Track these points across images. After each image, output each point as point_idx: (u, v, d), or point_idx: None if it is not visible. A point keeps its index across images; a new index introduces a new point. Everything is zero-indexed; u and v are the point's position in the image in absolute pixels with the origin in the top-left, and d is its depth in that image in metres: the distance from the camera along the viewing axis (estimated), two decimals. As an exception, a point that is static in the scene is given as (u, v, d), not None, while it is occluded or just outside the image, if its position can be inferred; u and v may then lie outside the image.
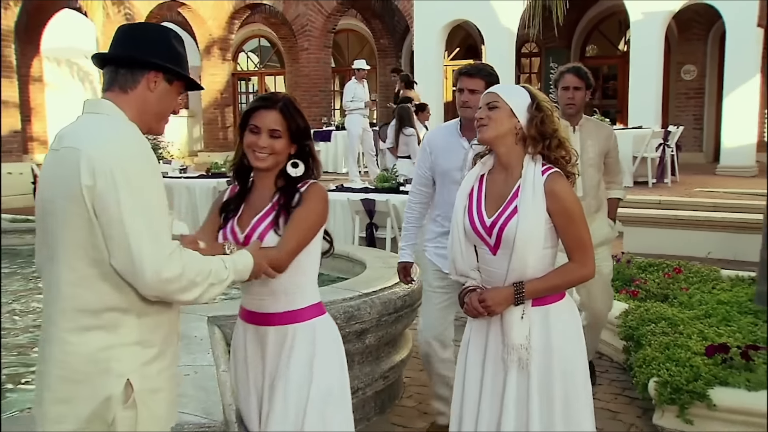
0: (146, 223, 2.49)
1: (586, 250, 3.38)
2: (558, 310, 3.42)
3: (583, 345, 3.53)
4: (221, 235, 3.26)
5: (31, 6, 20.48)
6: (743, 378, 4.84)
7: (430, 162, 4.90)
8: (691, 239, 10.31)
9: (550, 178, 3.35)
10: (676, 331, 5.64)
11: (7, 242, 8.67)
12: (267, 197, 3.26)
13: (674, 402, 4.84)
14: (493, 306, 3.36)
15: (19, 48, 19.78)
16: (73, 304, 2.53)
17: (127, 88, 2.69)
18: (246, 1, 23.17)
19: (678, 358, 5.10)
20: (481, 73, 4.71)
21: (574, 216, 3.36)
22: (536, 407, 3.35)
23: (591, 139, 5.67)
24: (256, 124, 3.20)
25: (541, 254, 3.36)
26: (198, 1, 22.93)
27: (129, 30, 2.82)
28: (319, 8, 22.39)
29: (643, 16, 17.54)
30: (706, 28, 20.54)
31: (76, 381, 2.52)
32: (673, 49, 20.73)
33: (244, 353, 3.35)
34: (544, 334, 3.38)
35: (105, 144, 2.52)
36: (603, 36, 24.25)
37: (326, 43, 23.19)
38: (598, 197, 5.74)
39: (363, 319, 5.10)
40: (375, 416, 5.17)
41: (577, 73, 5.74)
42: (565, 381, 3.36)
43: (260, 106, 3.22)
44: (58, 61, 24.62)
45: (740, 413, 4.67)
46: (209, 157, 18.98)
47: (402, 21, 23.01)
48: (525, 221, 3.30)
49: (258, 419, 3.30)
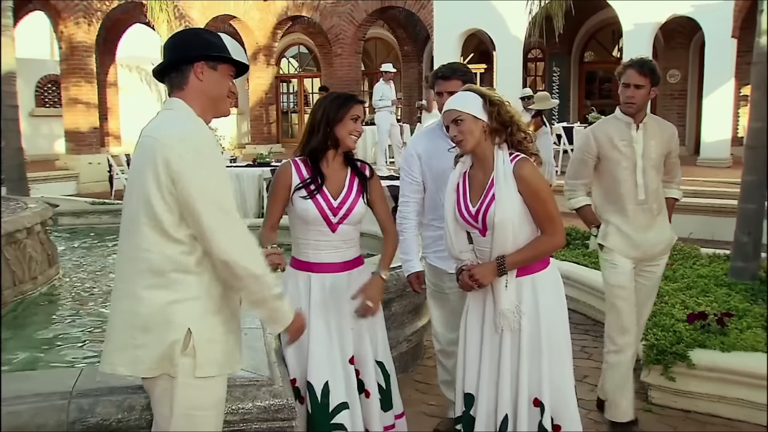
0: (216, 202, 2.60)
1: (554, 222, 3.37)
2: (543, 278, 3.43)
3: (565, 308, 3.52)
4: (316, 208, 3.51)
5: (109, 22, 20.66)
6: (718, 341, 4.87)
7: (421, 167, 4.20)
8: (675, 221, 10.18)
9: (517, 165, 3.35)
10: (662, 301, 5.64)
11: (87, 222, 8.81)
12: (342, 174, 3.63)
13: (659, 362, 4.87)
14: (480, 278, 3.38)
15: (98, 57, 19.94)
16: (145, 266, 2.60)
17: (182, 85, 2.74)
18: (288, 14, 23.16)
19: (663, 324, 5.13)
20: (457, 74, 4.21)
21: (540, 194, 3.35)
22: (526, 363, 3.37)
23: (655, 140, 4.54)
24: (359, 114, 3.57)
25: (520, 231, 3.35)
26: (246, 15, 22.96)
27: (168, 41, 2.86)
28: (351, 19, 22.31)
29: (634, 27, 17.63)
30: (688, 37, 20.32)
31: (147, 329, 2.59)
32: (660, 55, 20.52)
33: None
34: (533, 299, 3.39)
35: (172, 132, 2.60)
36: (599, 44, 24.05)
37: (357, 50, 23.10)
38: (660, 200, 4.63)
39: (389, 290, 5.08)
40: (400, 374, 5.19)
41: (639, 69, 4.53)
42: (550, 339, 3.37)
43: (359, 101, 3.61)
44: (129, 68, 24.83)
45: (715, 371, 4.72)
46: (255, 149, 18.93)
47: (423, 30, 22.90)
48: (501, 205, 3.32)
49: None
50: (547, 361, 3.36)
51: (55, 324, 5.23)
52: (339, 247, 3.61)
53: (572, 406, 3.41)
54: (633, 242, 4.51)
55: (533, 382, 3.37)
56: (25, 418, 2.96)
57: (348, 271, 3.65)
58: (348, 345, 3.58)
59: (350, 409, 3.48)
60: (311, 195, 3.51)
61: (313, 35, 25.91)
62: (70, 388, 3.11)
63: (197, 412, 2.68)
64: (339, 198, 3.55)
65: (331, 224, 3.54)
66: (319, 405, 3.42)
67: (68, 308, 5.58)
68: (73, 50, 18.03)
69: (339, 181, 3.59)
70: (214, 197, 2.59)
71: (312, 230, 3.55)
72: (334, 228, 3.55)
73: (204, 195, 2.56)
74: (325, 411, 3.43)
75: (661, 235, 4.62)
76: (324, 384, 3.43)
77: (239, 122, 27.08)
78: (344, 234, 3.60)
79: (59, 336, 4.93)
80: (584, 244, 8.22)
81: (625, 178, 4.48)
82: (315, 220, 3.52)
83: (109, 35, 22.51)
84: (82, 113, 18.27)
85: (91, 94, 18.46)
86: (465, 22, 19.67)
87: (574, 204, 4.71)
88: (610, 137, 4.51)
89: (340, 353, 3.54)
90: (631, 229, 4.51)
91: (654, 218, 4.56)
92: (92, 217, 8.90)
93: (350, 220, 3.58)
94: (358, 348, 3.62)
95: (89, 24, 18.27)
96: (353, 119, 3.54)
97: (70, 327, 5.13)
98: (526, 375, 3.36)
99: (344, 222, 3.56)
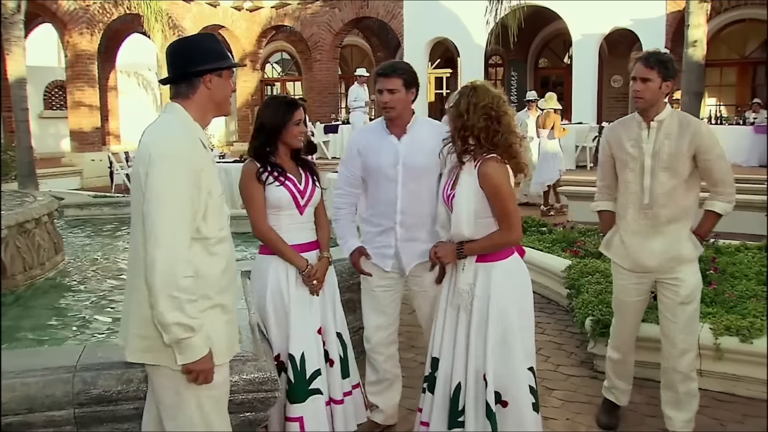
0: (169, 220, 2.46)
1: (510, 219, 3.33)
2: (500, 267, 3.39)
3: (522, 296, 3.44)
4: (288, 192, 3.56)
5: (110, 32, 20.54)
6: (655, 315, 4.86)
7: (360, 162, 3.91)
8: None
9: (482, 163, 3.33)
10: (607, 281, 5.67)
11: (90, 213, 8.76)
12: (294, 165, 3.68)
13: (604, 335, 4.88)
14: (441, 256, 3.45)
15: (100, 64, 19.88)
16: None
17: (190, 94, 2.67)
18: (272, 23, 23.06)
19: (608, 302, 5.13)
20: (397, 72, 3.75)
21: (499, 192, 3.30)
22: (473, 340, 3.37)
23: (669, 138, 3.78)
24: (300, 118, 3.61)
25: (477, 221, 3.34)
26: (234, 24, 22.84)
27: (176, 50, 2.73)
28: (329, 28, 22.23)
29: (582, 37, 17.97)
30: (629, 47, 20.32)
31: (153, 323, 2.53)
32: (605, 62, 20.65)
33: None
34: (485, 284, 3.38)
35: (157, 135, 2.56)
36: (552, 51, 24.15)
37: (334, 56, 23.02)
38: (673, 207, 3.82)
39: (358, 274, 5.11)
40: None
41: (645, 61, 3.80)
42: (499, 324, 3.34)
43: (299, 105, 3.63)
44: (128, 73, 24.74)
45: (652, 341, 4.65)
46: (242, 147, 18.89)
47: (394, 38, 22.83)
48: (459, 194, 3.35)
49: None
50: (493, 342, 3.33)
51: (61, 305, 5.21)
52: (305, 228, 3.67)
53: (522, 386, 3.34)
54: (626, 250, 4.00)
55: (479, 358, 3.36)
56: (35, 389, 2.97)
57: (314, 251, 3.69)
58: (317, 318, 3.61)
59: (322, 375, 3.52)
60: (282, 183, 3.55)
61: (295, 42, 25.76)
62: (75, 362, 3.10)
63: (206, 392, 2.64)
64: (302, 183, 3.62)
65: (299, 206, 3.60)
66: (299, 373, 3.45)
67: (73, 291, 5.55)
68: (77, 58, 18.06)
69: (295, 171, 3.66)
70: (166, 206, 2.46)
71: (283, 215, 3.57)
72: (302, 210, 3.61)
73: (158, 201, 2.45)
74: (303, 378, 3.46)
75: (668, 247, 3.86)
76: (301, 354, 3.46)
77: (227, 122, 26.90)
78: (308, 216, 3.67)
79: (65, 315, 4.91)
80: (539, 231, 8.27)
81: (631, 180, 3.92)
82: (288, 204, 3.56)
83: (110, 44, 22.35)
84: (85, 115, 18.24)
85: (93, 97, 18.45)
86: (432, 31, 19.87)
87: (594, 207, 4.28)
88: (619, 137, 3.98)
89: (312, 325, 3.56)
90: (627, 236, 3.97)
91: (659, 227, 3.86)
92: (94, 209, 8.85)
93: (313, 202, 3.67)
94: (324, 320, 3.66)
95: (92, 34, 18.31)
96: (296, 124, 3.58)
97: (74, 307, 5.10)
98: (473, 351, 3.37)
99: (309, 204, 3.64)
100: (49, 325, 4.67)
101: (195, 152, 2.59)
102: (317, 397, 3.50)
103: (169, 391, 2.63)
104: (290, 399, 3.47)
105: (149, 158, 2.47)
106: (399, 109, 3.77)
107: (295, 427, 3.46)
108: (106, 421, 3.08)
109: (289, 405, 3.48)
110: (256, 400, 3.17)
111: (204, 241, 2.59)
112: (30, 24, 19.00)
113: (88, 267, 6.26)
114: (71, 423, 3.04)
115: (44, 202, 6.01)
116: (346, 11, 21.87)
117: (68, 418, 3.02)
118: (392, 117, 3.80)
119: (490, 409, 3.31)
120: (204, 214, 2.58)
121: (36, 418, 2.98)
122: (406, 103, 3.79)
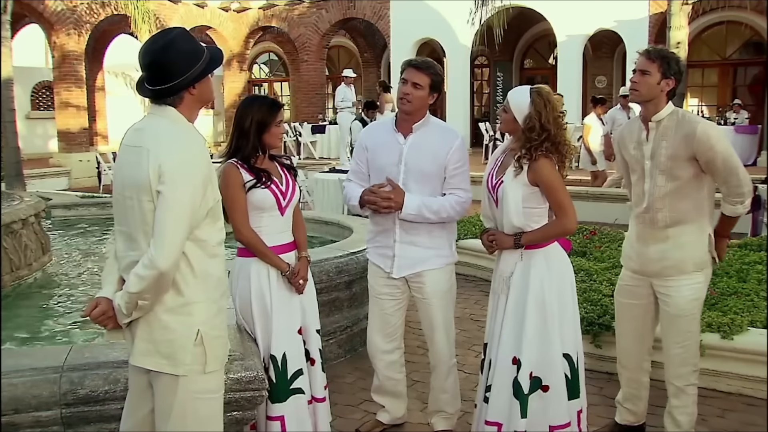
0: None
1: (566, 209, 3.40)
2: (540, 254, 3.46)
3: (562, 282, 3.47)
4: (272, 195, 3.50)
5: (97, 33, 20.54)
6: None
7: (366, 158, 3.88)
8: (602, 209, 10.39)
9: (534, 159, 3.38)
10: (591, 279, 5.72)
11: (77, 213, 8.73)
12: (274, 166, 3.60)
13: (589, 332, 4.92)
14: (499, 243, 3.52)
15: (87, 65, 19.85)
16: None
17: (176, 104, 2.58)
18: (259, 24, 23.01)
19: (592, 299, 5.20)
20: (430, 70, 3.68)
21: (551, 186, 3.38)
22: (508, 324, 3.45)
23: (666, 140, 3.54)
24: (282, 118, 3.57)
25: (522, 211, 3.41)
26: (222, 25, 22.78)
27: (155, 62, 2.56)
28: (316, 29, 22.21)
29: (567, 38, 18.02)
30: (612, 48, 20.58)
31: (159, 327, 2.54)
32: (589, 63, 20.72)
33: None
34: (526, 270, 3.45)
35: (170, 147, 2.48)
36: (537, 52, 24.22)
37: (321, 56, 23.02)
38: (672, 211, 3.58)
39: (350, 272, 5.13)
40: (361, 348, 5.19)
41: (647, 54, 3.55)
42: (537, 309, 3.40)
43: (281, 106, 3.60)
44: (116, 74, 24.55)
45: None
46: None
47: (381, 39, 22.87)
48: (506, 186, 3.42)
49: None
50: (531, 327, 3.38)
51: (48, 305, 5.18)
52: (285, 229, 3.61)
53: (558, 372, 3.41)
54: (628, 252, 3.91)
55: (513, 342, 3.42)
56: (22, 390, 2.94)
57: (294, 251, 3.64)
58: (298, 318, 3.59)
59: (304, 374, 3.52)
60: (266, 186, 3.48)
61: (282, 43, 25.73)
62: (62, 363, 3.08)
63: (203, 396, 2.64)
64: (284, 184, 3.57)
65: (281, 208, 3.54)
66: (281, 373, 3.44)
67: (60, 291, 5.53)
68: (64, 58, 18.01)
69: (276, 171, 3.60)
70: (181, 213, 2.46)
71: (265, 217, 3.51)
72: (282, 211, 3.55)
73: (173, 210, 2.44)
74: (285, 378, 3.45)
75: (665, 253, 3.64)
76: (283, 354, 3.45)
77: (215, 122, 26.90)
78: (288, 217, 3.61)
79: (52, 315, 4.88)
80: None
81: (634, 182, 3.79)
82: (271, 206, 3.50)
83: (97, 44, 22.23)
84: (72, 115, 18.19)
85: (81, 98, 18.41)
86: (418, 32, 19.88)
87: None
88: (624, 139, 3.85)
89: (293, 325, 3.56)
90: (632, 237, 3.86)
91: (658, 231, 3.66)
92: (82, 209, 8.81)
93: (293, 203, 3.62)
94: (303, 320, 3.64)
95: (79, 35, 18.28)
96: (277, 125, 3.54)
97: (61, 307, 5.08)
98: (506, 335, 3.45)
99: (289, 205, 3.58)
100: (36, 326, 4.64)
101: (205, 162, 2.57)
102: (299, 396, 3.50)
103: (168, 396, 2.62)
104: (271, 399, 3.46)
105: (160, 170, 2.42)
106: (415, 105, 3.71)
107: (276, 427, 3.45)
108: (93, 422, 3.07)
109: (270, 405, 3.47)
110: (244, 399, 3.17)
111: (203, 243, 2.59)
112: (17, 24, 18.77)
113: (75, 267, 6.23)
114: (58, 423, 3.01)
115: (31, 203, 5.97)
116: (333, 12, 21.86)
117: (55, 419, 3.00)
118: (407, 111, 3.72)
119: (520, 390, 3.37)
120: (208, 218, 2.58)
121: (22, 418, 2.96)
122: (423, 103, 3.73)
